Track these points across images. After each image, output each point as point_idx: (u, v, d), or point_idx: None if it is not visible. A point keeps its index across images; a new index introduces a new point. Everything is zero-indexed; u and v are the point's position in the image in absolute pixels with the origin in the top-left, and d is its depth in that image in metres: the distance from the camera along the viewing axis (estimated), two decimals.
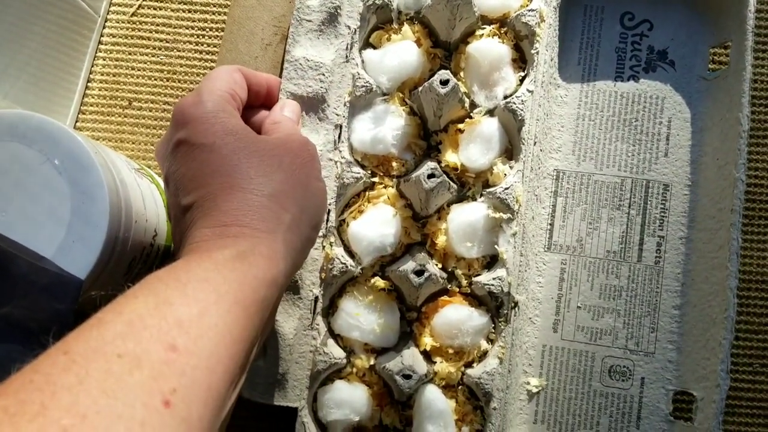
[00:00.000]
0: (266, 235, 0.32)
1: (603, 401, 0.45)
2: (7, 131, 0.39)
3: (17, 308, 0.37)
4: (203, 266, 0.29)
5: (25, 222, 0.38)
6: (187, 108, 0.36)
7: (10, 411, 0.20)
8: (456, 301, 0.43)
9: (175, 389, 0.23)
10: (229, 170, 0.33)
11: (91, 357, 0.23)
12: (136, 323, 0.25)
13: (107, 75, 0.54)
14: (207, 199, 0.33)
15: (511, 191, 0.43)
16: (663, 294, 0.45)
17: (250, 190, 0.33)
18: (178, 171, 0.35)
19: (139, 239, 0.43)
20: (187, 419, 0.24)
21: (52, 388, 0.21)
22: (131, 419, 0.22)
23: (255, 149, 0.35)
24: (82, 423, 0.21)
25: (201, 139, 0.34)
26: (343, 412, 0.41)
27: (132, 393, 0.22)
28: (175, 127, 0.36)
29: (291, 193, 0.34)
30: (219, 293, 0.28)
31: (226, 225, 0.32)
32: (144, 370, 0.23)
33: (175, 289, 0.27)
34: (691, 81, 0.48)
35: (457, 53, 0.46)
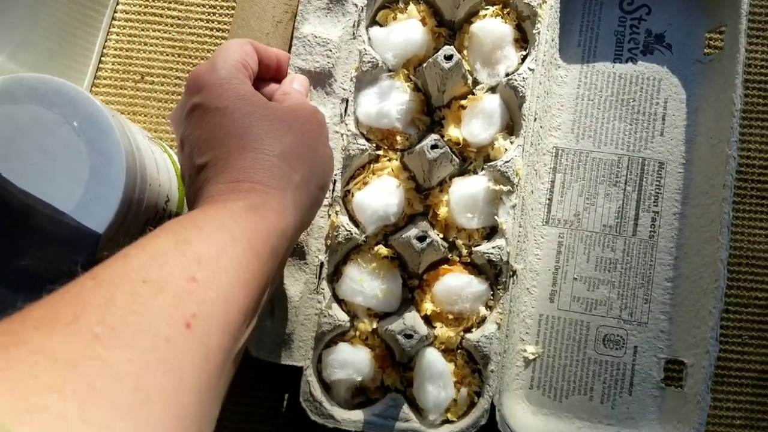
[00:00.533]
0: (276, 191, 0.34)
1: (597, 368, 0.46)
2: (27, 94, 0.40)
3: (36, 260, 0.38)
4: (219, 214, 0.31)
5: (44, 181, 0.39)
6: (201, 75, 0.37)
7: (46, 318, 0.22)
8: (456, 269, 0.45)
9: (195, 314, 0.25)
10: (241, 132, 0.35)
11: (118, 282, 0.24)
12: (158, 257, 0.26)
13: (120, 50, 0.55)
14: (220, 159, 0.35)
15: (511, 164, 0.44)
16: (656, 267, 0.47)
17: (261, 150, 0.35)
18: (192, 134, 0.36)
19: (153, 203, 0.44)
20: (206, 343, 0.25)
21: (82, 304, 0.23)
22: (156, 335, 0.23)
23: (266, 113, 0.36)
24: (112, 333, 0.22)
25: (215, 103, 0.36)
26: (346, 372, 0.43)
27: (156, 313, 0.24)
28: (190, 93, 0.37)
29: (300, 155, 0.36)
30: (234, 237, 0.29)
31: (239, 181, 0.33)
32: (167, 295, 0.25)
33: (194, 231, 0.29)
34: (687, 64, 0.49)
35: (460, 32, 0.48)
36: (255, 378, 0.48)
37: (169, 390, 0.23)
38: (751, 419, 0.48)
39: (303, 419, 0.44)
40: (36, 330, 0.21)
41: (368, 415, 0.43)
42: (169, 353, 0.23)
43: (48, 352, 0.20)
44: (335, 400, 0.44)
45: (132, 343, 0.22)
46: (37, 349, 0.20)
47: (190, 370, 0.24)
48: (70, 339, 0.21)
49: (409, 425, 0.43)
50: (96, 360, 0.21)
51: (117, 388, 0.21)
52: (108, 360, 0.21)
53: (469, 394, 0.44)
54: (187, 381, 0.24)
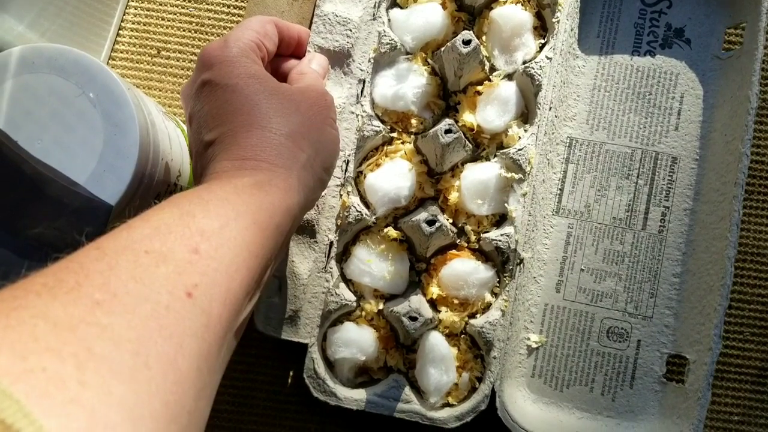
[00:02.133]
0: (282, 170, 0.34)
1: (599, 360, 0.47)
2: (46, 64, 0.41)
3: (48, 229, 0.39)
4: (224, 189, 0.31)
5: (59, 150, 0.40)
6: (213, 51, 0.38)
7: (49, 285, 0.22)
8: (464, 255, 0.45)
9: (197, 284, 0.25)
10: (249, 109, 0.35)
11: (121, 251, 0.25)
12: (162, 228, 0.27)
13: (138, 24, 0.55)
14: (228, 136, 0.35)
15: (524, 152, 0.44)
16: (664, 261, 0.47)
17: (269, 128, 0.35)
18: (201, 109, 0.37)
19: (165, 177, 0.44)
20: (207, 312, 0.25)
21: (85, 271, 0.23)
22: (157, 303, 0.24)
23: (274, 93, 0.36)
24: (113, 299, 0.22)
25: (225, 80, 0.36)
26: (350, 351, 0.43)
27: (158, 282, 0.24)
28: (200, 69, 0.38)
29: (306, 135, 0.36)
30: (238, 212, 0.30)
31: (245, 158, 0.34)
32: (169, 265, 0.25)
33: (198, 205, 0.29)
34: (706, 59, 0.49)
35: (480, 18, 0.48)
36: (259, 353, 0.49)
37: (168, 357, 0.23)
38: (750, 415, 0.48)
39: (305, 396, 0.44)
40: (38, 296, 0.21)
41: (370, 394, 0.44)
42: (168, 320, 0.24)
43: (49, 316, 0.21)
44: (338, 378, 0.45)
45: (132, 309, 0.23)
46: (38, 313, 0.21)
47: (189, 338, 0.24)
48: (71, 304, 0.21)
49: (409, 407, 0.43)
50: (96, 325, 0.21)
51: (116, 352, 0.21)
52: (108, 326, 0.22)
53: (471, 379, 0.44)
54: (187, 348, 0.24)
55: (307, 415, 0.48)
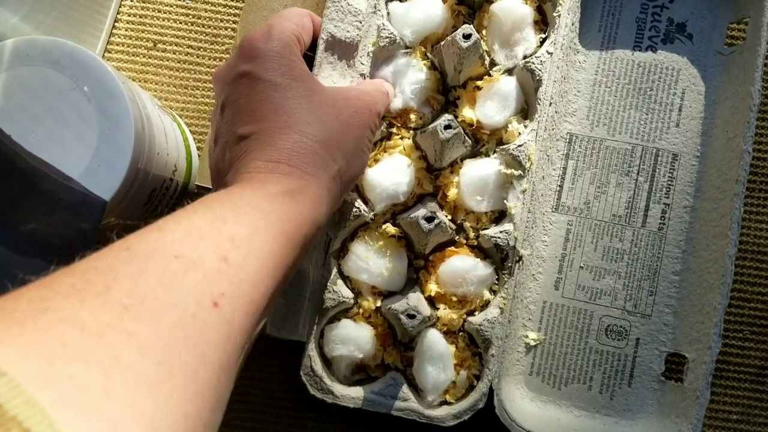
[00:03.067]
0: (314, 179, 0.34)
1: (597, 358, 0.46)
2: (40, 56, 0.40)
3: (43, 225, 0.38)
4: (256, 194, 0.31)
5: (53, 144, 0.39)
6: (257, 42, 0.37)
7: (77, 287, 0.22)
8: (463, 252, 0.45)
9: (223, 293, 0.25)
10: (289, 111, 0.35)
11: (151, 254, 0.25)
12: (193, 233, 0.27)
13: (134, 16, 0.54)
14: (264, 134, 0.34)
15: (524, 149, 0.44)
16: (664, 259, 0.47)
17: (306, 134, 0.34)
18: (239, 101, 0.36)
19: (160, 172, 0.44)
20: (231, 323, 0.25)
21: (114, 274, 0.23)
22: (184, 311, 0.23)
23: (316, 96, 0.36)
24: (141, 305, 0.22)
25: (268, 76, 0.35)
26: (347, 349, 0.43)
27: (186, 289, 0.24)
28: (241, 58, 0.37)
29: (341, 145, 0.36)
30: (268, 221, 0.30)
31: (279, 162, 0.33)
32: (198, 272, 0.25)
33: (230, 210, 0.29)
34: (708, 55, 0.49)
35: (480, 12, 0.47)
36: (256, 351, 0.49)
37: (191, 367, 0.23)
38: (748, 414, 0.48)
39: (302, 394, 0.44)
40: (66, 298, 0.21)
41: (367, 392, 0.44)
42: (194, 329, 0.24)
43: (77, 320, 0.20)
44: (335, 375, 0.44)
45: (159, 317, 0.23)
46: (66, 317, 0.20)
47: (212, 349, 0.24)
48: (99, 309, 0.21)
49: (407, 404, 0.43)
50: (123, 332, 0.21)
51: (141, 361, 0.21)
52: (135, 333, 0.21)
53: (469, 377, 0.44)
54: (209, 359, 0.24)
55: (304, 413, 0.48)
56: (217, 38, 0.54)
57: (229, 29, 0.54)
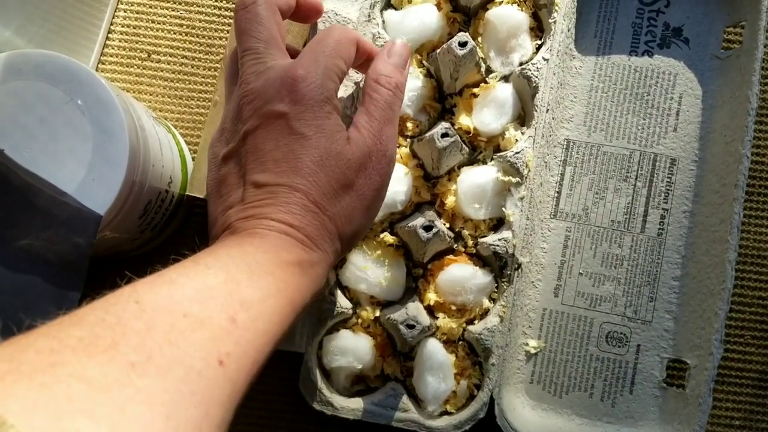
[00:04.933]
0: (322, 255, 0.34)
1: (598, 365, 0.46)
2: (33, 70, 0.40)
3: (38, 240, 0.38)
4: (270, 259, 0.31)
5: (47, 159, 0.39)
6: (301, 82, 0.34)
7: (85, 341, 0.22)
8: (461, 260, 0.45)
9: (229, 353, 0.26)
10: (309, 175, 0.34)
11: (160, 311, 0.25)
12: (204, 291, 0.27)
13: (127, 27, 0.54)
14: (281, 191, 0.34)
15: (521, 156, 0.44)
16: (663, 265, 0.47)
17: (320, 205, 0.34)
18: (265, 143, 0.34)
19: (156, 184, 0.44)
20: (234, 381, 0.26)
21: (122, 329, 0.23)
22: (191, 367, 0.24)
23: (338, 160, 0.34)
24: (148, 361, 0.23)
25: (301, 128, 0.34)
26: (346, 360, 0.43)
27: (193, 346, 0.24)
28: (283, 92, 0.34)
29: (350, 218, 0.35)
30: (279, 289, 0.30)
31: (292, 226, 0.33)
32: (206, 331, 0.25)
33: (244, 272, 0.29)
34: (704, 59, 0.48)
35: (476, 19, 0.47)
36: None
37: (195, 422, 0.23)
38: (751, 420, 0.48)
39: (301, 405, 0.44)
40: (74, 352, 0.22)
41: (367, 403, 0.43)
42: (199, 386, 0.24)
43: (84, 375, 0.21)
44: (335, 387, 0.44)
45: (166, 373, 0.23)
46: (74, 372, 0.21)
47: (216, 407, 0.25)
48: (106, 365, 0.22)
49: (407, 415, 0.43)
50: (130, 387, 0.22)
51: (148, 415, 0.21)
52: (141, 388, 0.22)
53: (469, 386, 0.44)
54: (212, 416, 0.24)
55: (303, 424, 0.48)
56: (211, 48, 0.54)
57: (223, 39, 0.54)
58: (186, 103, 0.53)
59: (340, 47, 0.36)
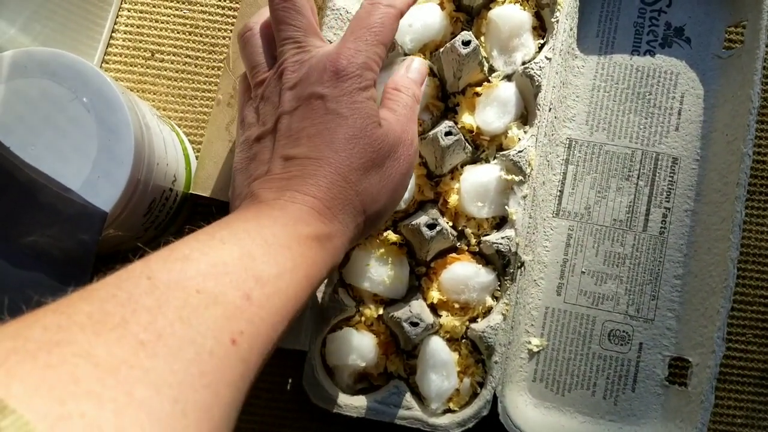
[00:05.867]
0: (342, 228, 0.34)
1: (601, 363, 0.46)
2: (38, 68, 0.40)
3: (43, 237, 0.38)
4: (288, 233, 0.31)
5: (52, 156, 0.39)
6: (342, 73, 0.35)
7: (94, 318, 0.22)
8: (464, 258, 0.45)
9: (242, 332, 0.25)
10: (342, 150, 0.34)
11: (173, 287, 0.24)
12: (219, 267, 0.26)
13: (131, 26, 0.54)
14: (311, 164, 0.34)
15: (524, 154, 0.44)
16: (666, 263, 0.47)
17: (348, 180, 0.34)
18: (301, 121, 0.35)
19: (160, 182, 0.44)
20: (247, 361, 0.25)
21: (133, 306, 0.23)
22: (202, 346, 0.23)
23: (371, 142, 0.35)
24: (158, 340, 0.22)
25: (339, 108, 0.35)
26: (350, 358, 0.43)
27: (205, 324, 0.24)
28: (325, 74, 0.35)
29: (377, 197, 0.36)
30: (295, 263, 0.30)
31: (316, 198, 0.33)
32: (219, 308, 0.25)
33: (260, 247, 0.29)
34: (706, 58, 0.49)
35: (478, 18, 0.47)
36: None
37: (205, 405, 0.22)
38: (753, 418, 0.48)
39: (305, 403, 0.44)
40: (82, 330, 0.21)
41: (370, 401, 0.43)
42: (210, 367, 0.23)
43: (91, 355, 0.20)
44: (338, 385, 0.44)
45: (176, 353, 0.22)
46: (80, 352, 0.20)
47: (226, 388, 0.24)
48: (115, 344, 0.21)
49: (410, 413, 0.43)
50: (138, 368, 0.21)
51: (156, 398, 0.21)
52: (150, 369, 0.21)
53: (472, 384, 0.44)
54: (222, 398, 0.24)
55: (306, 422, 0.48)
56: (215, 47, 0.54)
57: (226, 38, 0.54)
58: (189, 102, 0.53)
59: (383, 32, 0.37)
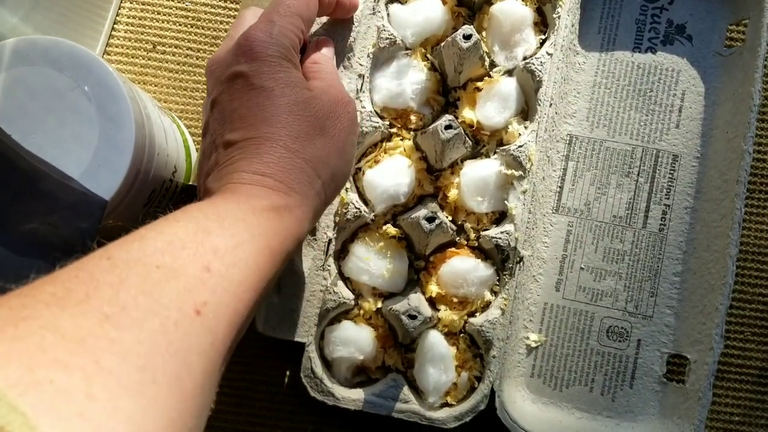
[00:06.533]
0: (298, 197, 0.34)
1: (599, 360, 0.46)
2: (40, 56, 0.40)
3: (43, 225, 0.38)
4: (241, 207, 0.31)
5: (53, 145, 0.39)
6: (256, 43, 0.35)
7: (58, 295, 0.22)
8: (463, 253, 0.45)
9: (206, 302, 0.25)
10: (278, 122, 0.34)
11: (132, 264, 0.25)
12: (175, 243, 0.27)
13: (133, 18, 0.54)
14: (252, 144, 0.34)
15: (524, 149, 0.44)
16: (665, 260, 0.47)
17: (293, 150, 0.34)
18: (230, 103, 0.35)
19: (160, 172, 0.44)
20: (214, 331, 0.25)
21: (95, 283, 0.23)
22: (166, 318, 0.24)
23: (306, 108, 0.35)
24: (122, 313, 0.22)
25: (261, 82, 0.35)
26: (348, 350, 0.43)
27: (167, 297, 0.24)
28: (239, 54, 0.36)
29: (326, 160, 0.36)
30: (253, 234, 0.30)
31: (265, 175, 0.33)
32: (180, 281, 0.25)
33: (214, 221, 0.29)
34: (707, 56, 0.49)
35: (480, 13, 0.47)
36: (257, 353, 0.48)
37: (174, 373, 0.23)
38: (750, 416, 0.48)
39: (303, 396, 0.44)
40: (47, 306, 0.21)
41: (368, 394, 0.43)
42: (176, 336, 0.23)
43: (57, 327, 0.20)
44: (336, 377, 0.44)
45: (141, 324, 0.23)
46: (46, 324, 0.20)
47: (196, 356, 0.24)
48: (80, 316, 0.21)
49: (408, 406, 0.43)
50: (104, 338, 0.21)
51: (123, 366, 0.21)
52: (116, 339, 0.21)
53: (470, 378, 0.44)
54: (192, 366, 0.24)
55: (304, 415, 0.48)
56: (216, 40, 0.54)
57: (228, 31, 0.54)
58: (190, 94, 0.53)
59: (296, 4, 0.37)
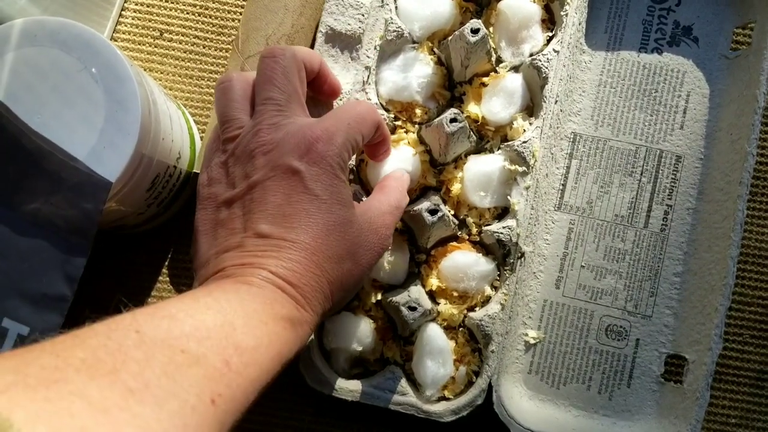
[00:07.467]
0: (313, 316, 0.35)
1: (597, 358, 0.46)
2: (48, 37, 0.40)
3: (46, 205, 0.38)
4: (267, 312, 0.32)
5: (59, 125, 0.39)
6: (320, 145, 0.35)
7: (88, 363, 0.23)
8: (465, 247, 0.45)
9: (221, 394, 0.27)
10: (319, 239, 0.34)
11: (159, 344, 0.26)
12: (202, 330, 0.28)
13: (141, 5, 0.54)
14: (286, 247, 0.34)
15: (528, 145, 0.44)
16: (665, 260, 0.47)
17: (323, 269, 0.35)
18: (275, 195, 0.35)
19: (164, 158, 0.44)
20: (223, 422, 0.27)
21: (123, 356, 0.24)
22: (185, 401, 0.25)
23: (347, 230, 0.35)
24: (145, 390, 0.24)
25: (317, 190, 0.34)
26: (347, 342, 0.43)
27: (188, 382, 0.26)
28: (301, 149, 0.35)
29: (345, 284, 0.36)
30: (270, 340, 0.31)
31: (291, 284, 0.33)
32: (201, 369, 0.26)
33: (241, 318, 0.30)
34: (713, 58, 0.49)
35: (488, 9, 0.47)
36: None
37: None
38: (747, 419, 0.48)
39: (301, 386, 0.44)
40: (77, 372, 0.23)
41: (366, 385, 0.43)
42: (191, 421, 0.25)
43: (85, 395, 0.22)
44: (334, 368, 0.44)
45: (162, 403, 0.24)
46: (75, 391, 0.22)
47: None
48: (107, 388, 0.23)
49: (405, 399, 0.43)
50: (127, 412, 0.22)
51: None
52: (138, 414, 0.23)
53: (468, 372, 0.44)
54: None
55: (302, 405, 0.48)
56: (223, 29, 0.54)
57: (235, 20, 0.54)
58: (196, 82, 0.53)
59: (364, 123, 0.37)
